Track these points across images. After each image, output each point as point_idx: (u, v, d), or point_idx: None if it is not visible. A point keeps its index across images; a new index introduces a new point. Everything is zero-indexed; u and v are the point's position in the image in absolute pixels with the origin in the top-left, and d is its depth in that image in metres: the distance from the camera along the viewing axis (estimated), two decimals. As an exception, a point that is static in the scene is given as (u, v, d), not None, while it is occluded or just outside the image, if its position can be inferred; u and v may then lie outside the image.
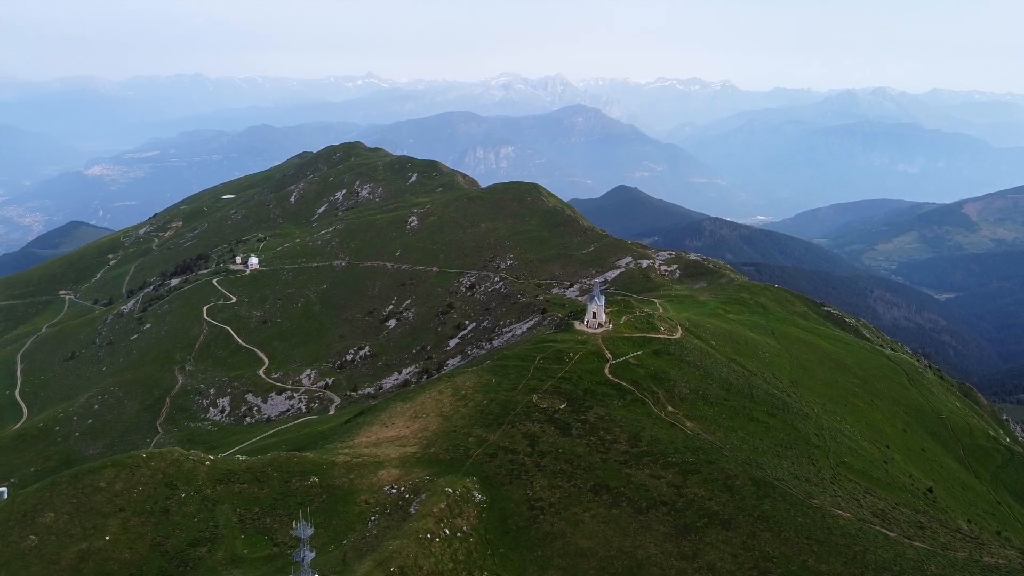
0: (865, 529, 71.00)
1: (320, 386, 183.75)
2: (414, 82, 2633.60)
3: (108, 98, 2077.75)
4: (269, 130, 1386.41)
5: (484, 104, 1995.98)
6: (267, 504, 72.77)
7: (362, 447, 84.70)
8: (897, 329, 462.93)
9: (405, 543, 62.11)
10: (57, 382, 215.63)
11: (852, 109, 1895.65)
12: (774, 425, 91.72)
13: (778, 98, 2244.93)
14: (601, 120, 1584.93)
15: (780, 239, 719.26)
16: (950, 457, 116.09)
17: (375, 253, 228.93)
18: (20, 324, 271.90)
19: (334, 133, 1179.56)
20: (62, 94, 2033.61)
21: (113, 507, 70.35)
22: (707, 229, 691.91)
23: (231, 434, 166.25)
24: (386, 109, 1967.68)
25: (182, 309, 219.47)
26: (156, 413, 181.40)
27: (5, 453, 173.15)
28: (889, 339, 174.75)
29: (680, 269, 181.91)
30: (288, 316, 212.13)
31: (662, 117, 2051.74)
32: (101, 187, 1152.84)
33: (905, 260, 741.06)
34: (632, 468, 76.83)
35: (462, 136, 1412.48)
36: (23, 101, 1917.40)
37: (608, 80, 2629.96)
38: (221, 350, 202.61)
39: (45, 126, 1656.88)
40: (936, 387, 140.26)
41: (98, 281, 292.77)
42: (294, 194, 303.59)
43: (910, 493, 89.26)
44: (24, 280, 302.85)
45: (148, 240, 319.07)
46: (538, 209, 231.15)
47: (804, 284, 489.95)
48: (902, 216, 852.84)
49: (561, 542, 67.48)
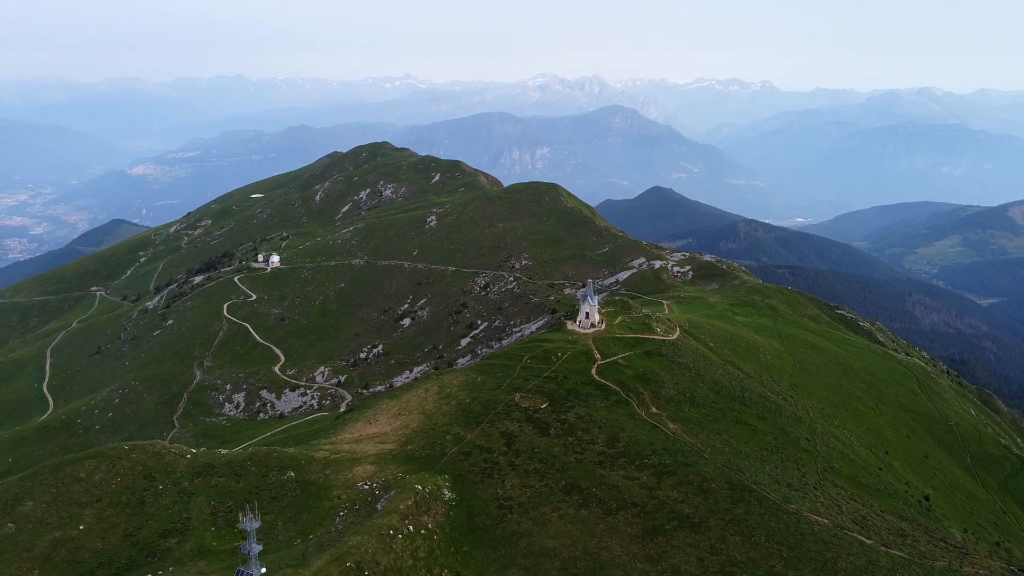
0: (840, 535, 69.53)
1: (333, 383, 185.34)
2: (451, 83, 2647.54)
3: (152, 99, 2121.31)
4: (307, 131, 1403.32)
5: (520, 105, 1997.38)
6: (241, 497, 73.60)
7: (343, 443, 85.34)
8: (936, 334, 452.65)
9: (366, 539, 62.41)
10: (83, 376, 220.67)
11: (895, 110, 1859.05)
12: (762, 428, 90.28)
13: (819, 98, 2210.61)
14: (638, 121, 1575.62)
15: (817, 242, 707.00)
16: (956, 465, 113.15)
17: (393, 252, 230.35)
18: (53, 319, 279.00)
19: (371, 133, 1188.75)
20: (109, 95, 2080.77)
21: (90, 497, 71.80)
22: (742, 231, 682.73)
23: (244, 429, 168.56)
24: (423, 110, 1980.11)
25: (203, 306, 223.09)
26: (174, 408, 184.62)
27: (28, 444, 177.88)
28: (905, 343, 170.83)
29: (693, 271, 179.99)
30: (305, 314, 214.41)
31: (700, 118, 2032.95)
32: (144, 186, 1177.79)
33: (947, 264, 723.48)
34: (606, 469, 76.26)
35: (498, 137, 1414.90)
36: (72, 102, 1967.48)
37: (646, 81, 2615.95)
38: (239, 346, 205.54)
39: (92, 126, 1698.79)
40: (949, 393, 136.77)
41: (128, 278, 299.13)
42: (319, 193, 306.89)
43: (901, 500, 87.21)
44: (58, 276, 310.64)
45: (178, 238, 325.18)
46: (556, 209, 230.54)
47: (840, 287, 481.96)
48: (945, 219, 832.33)
49: (526, 541, 67.23)
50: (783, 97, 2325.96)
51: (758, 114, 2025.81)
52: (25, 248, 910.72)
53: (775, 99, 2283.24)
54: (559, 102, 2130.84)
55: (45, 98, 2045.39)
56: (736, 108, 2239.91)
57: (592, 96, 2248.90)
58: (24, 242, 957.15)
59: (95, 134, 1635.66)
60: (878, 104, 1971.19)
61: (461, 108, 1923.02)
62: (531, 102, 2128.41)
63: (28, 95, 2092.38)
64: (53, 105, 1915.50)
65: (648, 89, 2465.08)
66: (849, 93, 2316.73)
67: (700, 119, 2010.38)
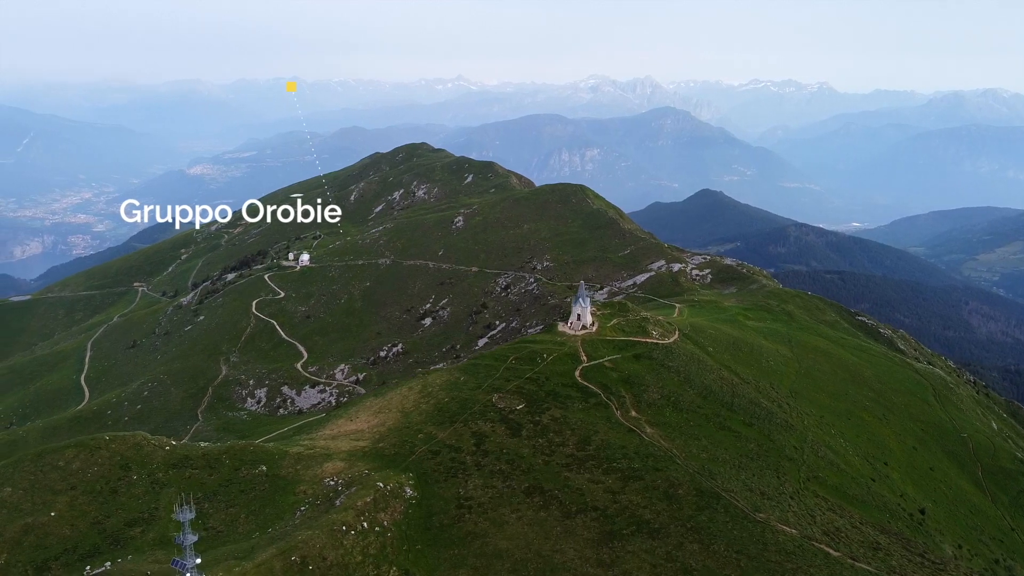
0: (806, 547, 67.75)
1: (352, 381, 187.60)
2: (503, 84, 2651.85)
3: (212, 101, 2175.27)
4: (359, 132, 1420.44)
5: (571, 106, 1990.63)
6: (211, 489, 75.01)
7: (321, 439, 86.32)
8: (992, 344, 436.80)
9: (316, 534, 63.02)
10: (118, 369, 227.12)
11: (959, 112, 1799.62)
12: (747, 435, 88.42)
13: (878, 100, 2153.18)
14: (690, 122, 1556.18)
15: (871, 247, 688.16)
16: (965, 478, 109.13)
17: (419, 252, 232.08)
18: (96, 313, 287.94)
19: (421, 135, 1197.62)
20: (170, 96, 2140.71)
21: (66, 485, 73.93)
22: (792, 235, 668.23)
23: (262, 424, 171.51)
24: (474, 111, 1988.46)
25: (233, 303, 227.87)
26: (198, 401, 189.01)
27: (60, 434, 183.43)
28: (929, 352, 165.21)
29: (712, 274, 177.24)
30: (331, 312, 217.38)
31: (754, 120, 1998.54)
32: (201, 185, 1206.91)
33: (1009, 271, 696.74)
34: (573, 472, 75.61)
35: (547, 138, 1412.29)
36: (135, 103, 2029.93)
37: (699, 82, 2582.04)
38: (265, 343, 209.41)
39: (153, 127, 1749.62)
40: (968, 404, 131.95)
41: (169, 274, 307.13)
42: (354, 193, 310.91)
43: (889, 513, 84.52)
44: (103, 272, 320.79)
45: (218, 236, 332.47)
46: (582, 211, 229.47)
47: (891, 294, 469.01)
48: (1008, 225, 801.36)
49: (480, 542, 67.06)
50: (841, 99, 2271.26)
51: (814, 116, 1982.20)
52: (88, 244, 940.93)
53: (832, 101, 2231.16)
54: (610, 104, 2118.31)
55: (110, 100, 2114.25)
56: (792, 110, 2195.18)
57: (644, 98, 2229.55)
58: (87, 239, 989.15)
59: (156, 134, 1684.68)
60: (940, 106, 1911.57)
61: (512, 110, 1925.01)
62: (582, 104, 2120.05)
63: (94, 97, 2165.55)
64: (117, 106, 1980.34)
65: (701, 90, 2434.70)
66: (910, 95, 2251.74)
67: (754, 121, 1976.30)
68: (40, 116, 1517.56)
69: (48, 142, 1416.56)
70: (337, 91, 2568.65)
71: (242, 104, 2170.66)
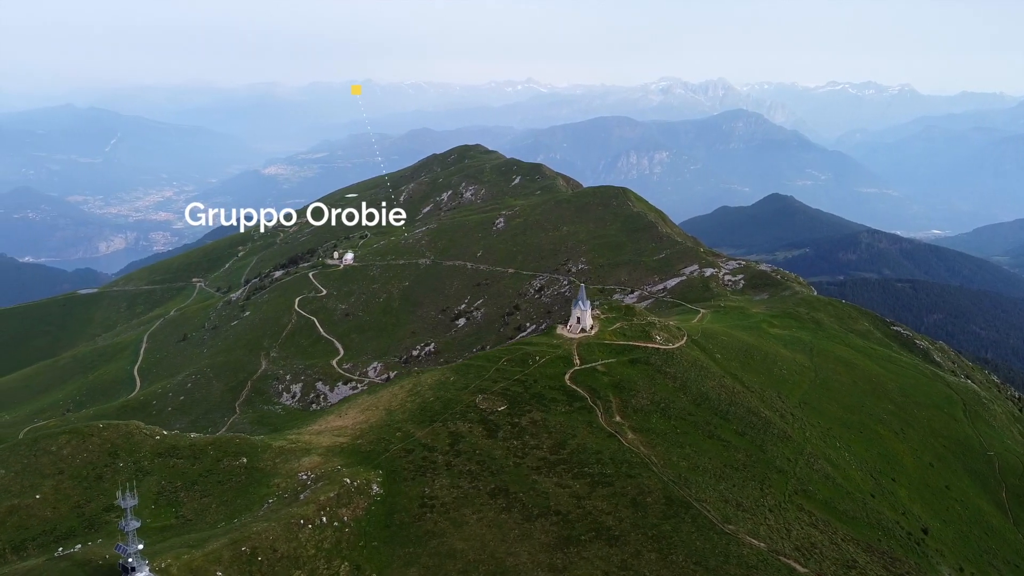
0: (771, 561, 65.75)
1: (383, 379, 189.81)
2: (572, 87, 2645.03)
3: (287, 103, 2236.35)
4: (429, 133, 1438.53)
5: (641, 109, 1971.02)
6: (190, 479, 77.20)
7: (306, 434, 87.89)
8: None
9: (271, 526, 64.21)
10: (168, 361, 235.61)
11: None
12: (736, 445, 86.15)
13: (964, 103, 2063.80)
14: (763, 125, 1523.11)
15: (948, 255, 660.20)
16: (986, 498, 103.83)
17: (459, 252, 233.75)
18: (155, 307, 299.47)
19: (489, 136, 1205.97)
20: (248, 99, 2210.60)
21: (55, 470, 77.19)
22: (863, 242, 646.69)
23: (294, 419, 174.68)
24: (543, 113, 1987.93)
25: (278, 299, 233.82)
26: (237, 395, 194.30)
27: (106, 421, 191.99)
28: (969, 364, 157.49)
29: (745, 280, 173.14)
30: (369, 310, 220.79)
31: (831, 123, 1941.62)
32: (275, 185, 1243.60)
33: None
34: (542, 475, 75.06)
35: (615, 141, 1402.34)
36: (216, 106, 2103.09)
37: (774, 84, 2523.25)
38: (304, 339, 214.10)
39: (232, 128, 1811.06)
40: (1003, 421, 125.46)
41: (225, 271, 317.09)
42: (404, 194, 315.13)
43: (883, 530, 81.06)
44: (165, 267, 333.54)
45: (274, 234, 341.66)
46: (621, 214, 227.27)
47: (966, 304, 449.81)
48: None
49: (437, 541, 67.18)
50: (923, 101, 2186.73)
51: (895, 119, 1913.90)
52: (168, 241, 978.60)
53: (914, 103, 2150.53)
54: (681, 106, 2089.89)
55: (192, 102, 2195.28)
56: (871, 113, 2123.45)
57: (716, 100, 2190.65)
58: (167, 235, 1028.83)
59: (234, 135, 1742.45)
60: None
61: (581, 112, 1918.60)
62: (652, 106, 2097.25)
63: (177, 99, 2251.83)
64: (199, 108, 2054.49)
65: (776, 92, 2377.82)
66: (998, 97, 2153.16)
67: (831, 124, 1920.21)
68: (127, 118, 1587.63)
69: (134, 142, 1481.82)
70: (409, 93, 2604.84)
71: (316, 106, 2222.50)
